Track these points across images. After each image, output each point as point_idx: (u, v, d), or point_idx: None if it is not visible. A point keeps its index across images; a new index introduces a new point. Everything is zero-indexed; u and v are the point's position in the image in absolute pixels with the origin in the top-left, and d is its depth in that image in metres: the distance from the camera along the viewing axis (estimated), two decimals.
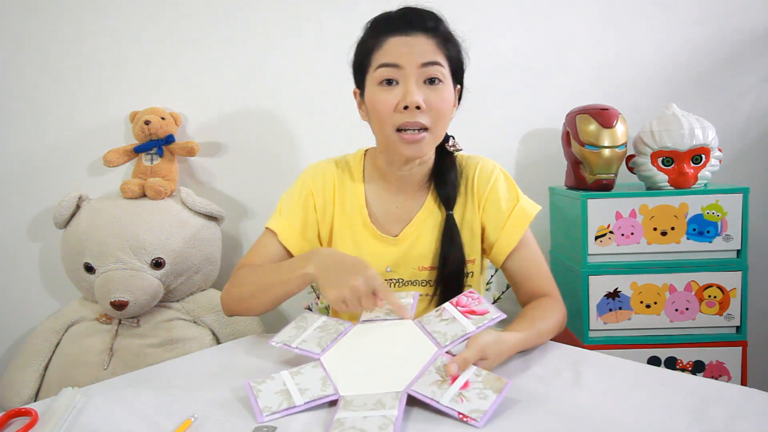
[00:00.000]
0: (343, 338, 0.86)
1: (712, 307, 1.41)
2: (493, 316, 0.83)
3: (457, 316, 0.85)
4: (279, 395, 0.74)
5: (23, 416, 0.71)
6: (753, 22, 1.67)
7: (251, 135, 1.78)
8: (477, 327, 0.81)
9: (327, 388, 0.75)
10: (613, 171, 1.46)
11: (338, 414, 0.69)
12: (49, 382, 1.55)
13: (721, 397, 0.71)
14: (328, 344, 0.84)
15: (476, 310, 0.85)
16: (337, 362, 0.81)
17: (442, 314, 0.87)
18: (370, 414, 0.68)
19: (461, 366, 0.74)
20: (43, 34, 1.74)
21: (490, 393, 0.71)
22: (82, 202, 1.63)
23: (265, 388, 0.75)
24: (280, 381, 0.77)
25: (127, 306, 1.47)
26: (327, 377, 0.77)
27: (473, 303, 0.87)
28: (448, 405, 0.69)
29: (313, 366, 0.80)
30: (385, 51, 0.96)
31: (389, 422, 0.66)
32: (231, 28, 1.74)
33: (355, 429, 0.65)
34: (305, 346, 0.85)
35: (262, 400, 0.73)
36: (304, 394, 0.73)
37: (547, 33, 1.71)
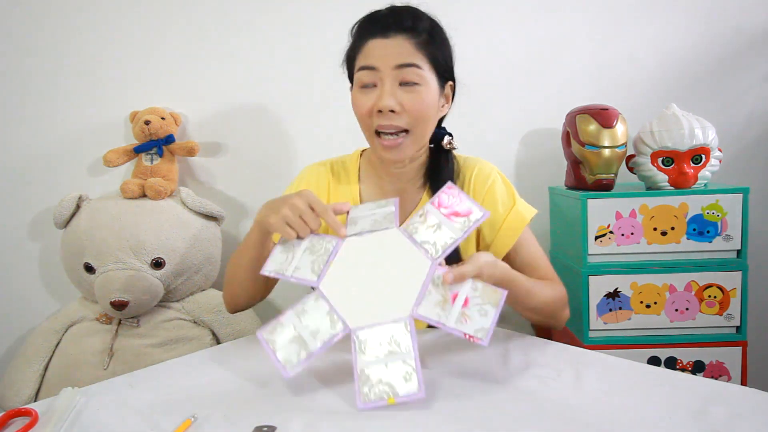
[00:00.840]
0: (334, 259, 0.84)
1: (712, 307, 1.41)
2: (477, 217, 0.84)
3: (443, 221, 0.84)
4: (294, 344, 0.77)
5: (23, 416, 0.71)
6: (753, 22, 1.67)
7: (251, 135, 1.78)
8: (464, 232, 0.83)
9: (336, 325, 0.78)
10: (613, 171, 1.46)
11: (359, 364, 0.74)
12: (49, 382, 1.55)
13: (721, 397, 0.71)
14: (322, 269, 0.83)
15: (459, 210, 0.85)
16: (337, 289, 0.81)
17: (426, 219, 0.85)
18: (390, 360, 0.74)
19: (457, 279, 0.78)
20: (42, 34, 1.75)
21: (490, 308, 0.76)
22: (82, 202, 1.63)
23: (279, 338, 0.77)
24: (290, 326, 0.79)
25: (127, 306, 1.47)
26: (332, 310, 0.79)
27: (455, 202, 0.86)
28: (454, 326, 0.74)
29: (315, 299, 0.81)
30: (365, 53, 0.96)
31: (411, 371, 0.72)
32: (231, 29, 1.74)
33: (382, 383, 0.72)
34: (299, 274, 0.84)
35: (280, 352, 0.76)
36: (317, 337, 0.77)
37: (547, 33, 1.71)
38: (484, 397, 0.74)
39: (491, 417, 0.68)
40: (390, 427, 0.67)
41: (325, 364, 0.87)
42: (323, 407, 0.72)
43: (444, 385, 0.78)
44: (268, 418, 0.69)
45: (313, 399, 0.75)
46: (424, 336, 0.98)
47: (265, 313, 1.80)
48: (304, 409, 0.72)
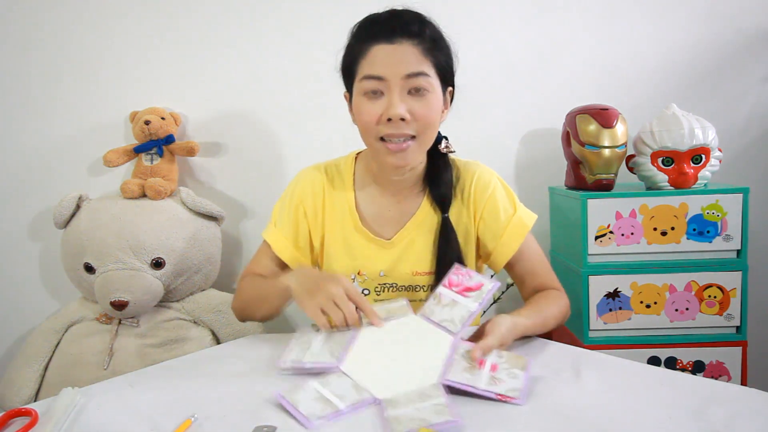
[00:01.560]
0: (354, 344, 0.84)
1: (712, 307, 1.41)
2: (488, 288, 0.85)
3: (456, 298, 0.86)
4: (318, 402, 0.71)
5: (23, 416, 0.71)
6: (753, 22, 1.67)
7: (251, 135, 1.78)
8: (479, 304, 0.84)
9: (363, 393, 0.73)
10: (613, 171, 1.46)
11: (388, 413, 0.68)
12: (49, 382, 1.55)
13: (721, 397, 0.71)
14: (341, 353, 0.82)
15: (470, 285, 0.87)
16: (360, 368, 0.79)
17: (440, 300, 0.87)
18: (421, 405, 0.69)
19: (485, 352, 0.78)
20: (42, 35, 1.75)
21: (518, 371, 0.76)
22: (82, 202, 1.63)
23: (302, 398, 0.72)
24: (312, 389, 0.74)
25: (127, 306, 1.47)
26: (356, 384, 0.75)
27: (465, 279, 0.88)
28: (485, 389, 0.72)
29: (338, 376, 0.78)
30: (370, 61, 0.93)
31: (443, 407, 0.68)
32: (231, 29, 1.74)
33: (414, 420, 0.65)
34: (319, 359, 0.81)
35: (304, 407, 0.70)
36: (344, 400, 0.71)
37: (547, 33, 1.71)
38: (484, 396, 0.73)
39: (491, 417, 0.68)
40: None
41: None
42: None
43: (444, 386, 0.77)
44: (268, 418, 0.69)
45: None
46: None
47: None
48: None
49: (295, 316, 1.85)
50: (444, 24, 1.02)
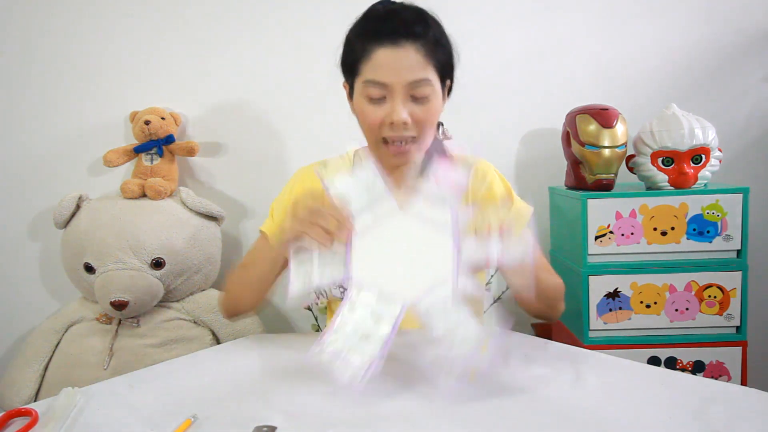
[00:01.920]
0: (352, 252, 0.82)
1: (712, 307, 1.41)
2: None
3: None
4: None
5: (23, 416, 0.71)
6: (753, 22, 1.67)
7: (251, 135, 1.78)
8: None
9: (340, 272, 0.80)
10: (613, 171, 1.46)
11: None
12: (49, 382, 1.54)
13: (721, 397, 0.71)
14: (346, 263, 0.82)
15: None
16: (365, 240, 0.82)
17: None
18: (459, 335, 0.75)
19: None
20: (43, 35, 1.75)
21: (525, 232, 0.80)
22: (82, 202, 1.63)
23: (340, 339, 0.77)
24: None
25: (127, 306, 1.47)
26: (381, 294, 0.79)
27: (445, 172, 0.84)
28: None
29: (357, 292, 0.80)
30: (373, 65, 0.93)
31: (481, 341, 0.74)
32: (231, 29, 1.74)
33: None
34: (325, 280, 0.82)
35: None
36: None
37: (547, 33, 1.71)
38: (484, 397, 0.74)
39: (491, 417, 0.68)
40: (390, 427, 0.67)
41: None
42: (324, 407, 0.72)
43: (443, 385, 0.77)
44: (268, 418, 0.69)
45: (314, 399, 0.75)
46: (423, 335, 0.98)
47: (266, 313, 1.80)
48: (305, 409, 0.72)
49: (296, 316, 1.85)
50: (444, 24, 1.01)
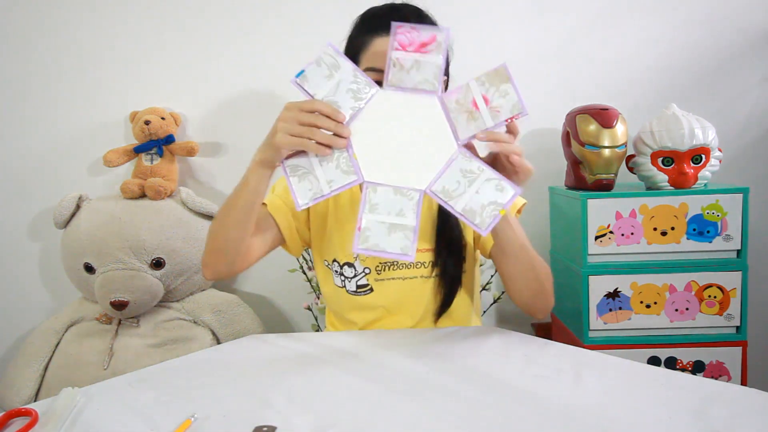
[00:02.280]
0: (354, 150, 0.83)
1: (712, 307, 1.41)
2: (443, 35, 0.81)
3: (417, 57, 0.82)
4: (393, 231, 0.81)
5: (23, 416, 0.71)
6: (753, 22, 1.67)
7: (251, 135, 1.77)
8: (442, 56, 0.82)
9: (410, 194, 0.81)
10: (613, 171, 1.46)
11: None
12: (49, 382, 1.55)
13: (721, 397, 0.71)
14: (352, 165, 0.82)
15: (424, 40, 0.82)
16: (383, 170, 0.82)
17: (402, 65, 0.82)
18: (477, 187, 0.80)
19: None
20: (43, 35, 1.75)
21: (505, 86, 0.80)
22: (82, 202, 1.63)
23: (381, 241, 0.80)
24: (377, 227, 0.81)
25: (127, 306, 1.47)
26: (396, 189, 0.81)
27: (414, 35, 0.82)
28: (494, 124, 0.81)
29: (375, 192, 0.82)
30: (371, 53, 0.98)
31: (497, 182, 0.82)
32: (231, 29, 1.74)
33: (486, 207, 0.80)
34: (337, 183, 0.82)
35: (389, 246, 0.80)
36: (406, 215, 0.81)
37: (546, 33, 1.71)
38: (484, 396, 0.74)
39: (491, 417, 0.68)
40: (390, 427, 0.67)
41: (326, 364, 0.87)
42: (323, 407, 0.72)
43: (443, 385, 0.78)
44: (268, 418, 0.69)
45: (314, 399, 0.75)
46: (423, 335, 0.98)
47: (265, 313, 1.80)
48: (305, 409, 0.72)
49: (296, 317, 1.85)
50: (443, 24, 1.03)
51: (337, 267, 1.09)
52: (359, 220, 0.81)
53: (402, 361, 0.87)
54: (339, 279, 1.09)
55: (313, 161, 0.84)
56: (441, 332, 1.00)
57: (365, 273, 1.07)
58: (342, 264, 1.08)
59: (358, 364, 0.86)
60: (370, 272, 1.07)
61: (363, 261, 1.07)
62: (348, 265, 1.07)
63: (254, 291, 1.84)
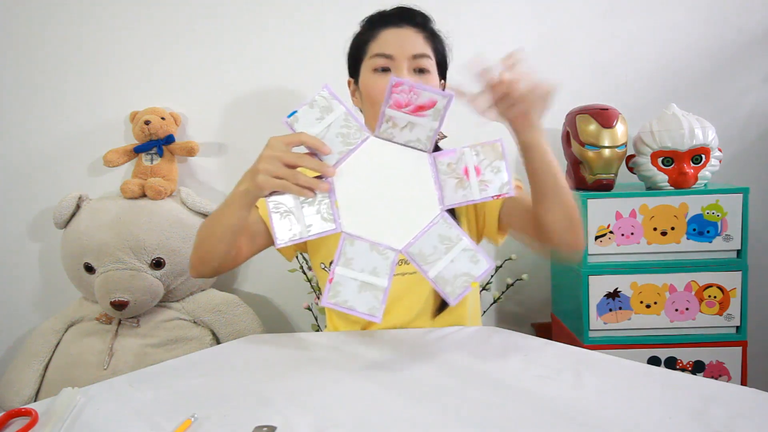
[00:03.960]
0: (336, 197, 0.81)
1: (712, 307, 1.41)
2: (443, 103, 0.80)
3: (412, 119, 0.80)
4: (364, 291, 0.79)
5: (23, 416, 0.71)
6: (753, 22, 1.67)
7: (251, 135, 1.77)
8: (439, 120, 0.80)
9: (385, 253, 0.80)
10: (613, 171, 1.46)
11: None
12: (49, 382, 1.55)
13: (721, 397, 0.71)
14: (332, 212, 0.81)
15: (422, 103, 0.80)
16: (360, 221, 0.81)
17: (395, 123, 0.80)
18: (452, 255, 0.79)
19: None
20: (43, 35, 1.74)
21: (498, 163, 0.80)
22: (82, 202, 1.63)
23: (350, 298, 0.79)
24: (350, 282, 0.80)
25: (127, 306, 1.47)
26: (372, 245, 0.80)
27: (413, 97, 0.80)
28: (481, 197, 0.80)
29: (352, 246, 0.80)
30: (380, 42, 1.02)
31: (473, 253, 0.79)
32: (231, 28, 1.74)
33: (459, 277, 0.78)
34: (316, 229, 0.81)
35: (358, 304, 0.79)
36: (380, 274, 0.80)
37: (546, 33, 1.71)
38: (484, 396, 0.74)
39: (491, 417, 0.68)
40: (390, 427, 0.67)
41: (326, 364, 0.87)
42: (323, 407, 0.72)
43: (443, 385, 0.78)
44: (268, 418, 0.69)
45: (314, 399, 0.75)
46: (423, 335, 0.98)
47: (265, 313, 1.80)
48: (305, 409, 0.72)
49: (296, 317, 1.85)
50: (443, 23, 1.08)
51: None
52: (331, 272, 0.80)
53: (402, 361, 0.87)
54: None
55: (295, 202, 0.82)
56: (441, 332, 1.00)
57: None
58: None
59: (358, 364, 0.86)
60: None
61: None
62: None
63: (254, 291, 1.84)
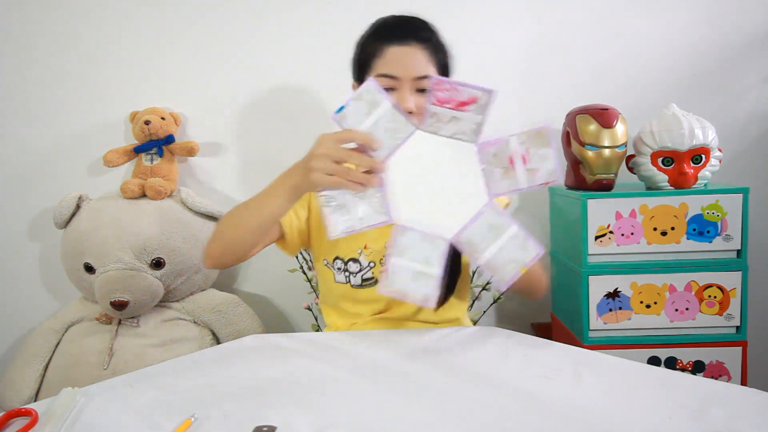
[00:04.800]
0: (388, 189, 0.83)
1: (712, 307, 1.41)
2: (487, 96, 0.82)
3: (456, 114, 0.83)
4: (417, 278, 0.82)
5: (23, 416, 0.71)
6: (753, 22, 1.67)
7: (251, 135, 1.78)
8: (484, 114, 0.83)
9: (437, 242, 0.82)
10: (613, 171, 1.46)
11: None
12: (49, 382, 1.55)
13: (721, 397, 0.71)
14: (384, 205, 0.83)
15: (464, 99, 0.83)
16: (413, 213, 0.83)
17: (440, 118, 0.82)
18: (502, 242, 0.81)
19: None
20: (43, 35, 1.75)
21: (544, 150, 0.81)
22: (82, 202, 1.63)
23: (404, 287, 0.82)
24: (403, 270, 0.82)
25: (127, 306, 1.47)
26: (424, 235, 0.82)
27: (454, 93, 0.82)
28: (528, 186, 0.81)
29: (404, 236, 0.83)
30: (385, 60, 1.02)
31: (523, 240, 0.81)
32: (231, 28, 1.74)
33: (508, 264, 0.81)
34: (369, 221, 0.84)
35: (409, 288, 0.81)
36: (431, 263, 0.82)
37: (547, 33, 1.71)
38: (484, 396, 0.74)
39: (491, 417, 0.68)
40: (390, 427, 0.67)
41: (326, 364, 0.87)
42: (323, 407, 0.72)
43: (443, 385, 0.78)
44: (268, 418, 0.69)
45: (314, 399, 0.75)
46: (423, 335, 0.98)
47: (265, 313, 1.80)
48: (305, 409, 0.72)
49: (296, 317, 1.85)
50: (443, 24, 1.07)
51: (340, 264, 1.11)
52: (387, 262, 0.82)
53: (402, 361, 0.87)
54: (342, 275, 1.11)
55: (347, 196, 0.84)
56: (441, 332, 1.00)
57: (370, 267, 1.10)
58: (346, 261, 1.10)
59: (357, 364, 0.86)
60: (375, 265, 1.10)
61: (368, 256, 1.10)
62: (353, 260, 1.10)
63: (254, 291, 1.84)
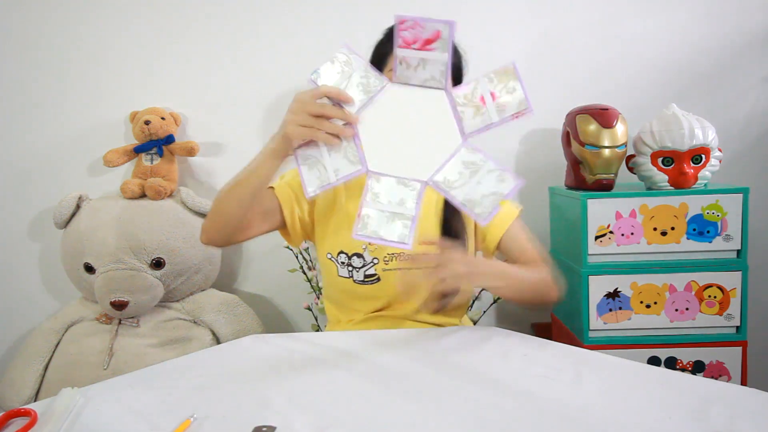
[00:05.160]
0: (361, 140, 0.85)
1: (712, 307, 1.41)
2: (447, 31, 0.83)
3: (423, 55, 0.83)
4: (391, 220, 0.82)
5: (23, 416, 0.71)
6: (753, 22, 1.67)
7: (251, 135, 1.78)
8: (447, 53, 0.83)
9: (411, 184, 0.83)
10: (613, 171, 1.46)
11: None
12: (49, 382, 1.55)
13: (721, 397, 0.71)
14: (358, 155, 0.85)
15: (428, 36, 0.83)
16: (386, 160, 0.84)
17: (408, 63, 0.83)
18: (478, 178, 0.81)
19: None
20: (43, 35, 1.75)
21: (513, 84, 0.82)
22: (82, 202, 1.63)
23: (379, 229, 0.82)
24: (376, 214, 0.83)
25: (127, 306, 1.47)
26: (399, 179, 0.84)
27: (419, 31, 0.83)
28: (499, 120, 0.82)
29: (377, 181, 0.84)
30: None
31: (500, 173, 0.81)
32: (231, 28, 1.74)
33: (487, 197, 0.81)
34: (343, 172, 0.85)
35: (386, 233, 0.82)
36: (407, 205, 0.83)
37: (547, 33, 1.71)
38: (484, 396, 0.74)
39: (491, 417, 0.68)
40: (390, 427, 0.67)
41: (326, 364, 0.87)
42: (323, 407, 0.72)
43: (443, 385, 0.78)
44: (267, 418, 0.69)
45: (314, 399, 0.75)
46: (423, 335, 0.98)
47: (265, 313, 1.80)
48: (305, 409, 0.72)
49: (296, 317, 1.85)
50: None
51: (344, 258, 1.11)
52: (360, 207, 0.83)
53: (402, 361, 0.87)
54: (345, 270, 1.11)
55: (322, 151, 0.87)
56: (441, 332, 1.00)
57: (374, 263, 1.10)
58: (350, 255, 1.10)
59: (358, 364, 0.86)
60: (378, 262, 1.10)
61: (372, 252, 1.10)
62: (357, 255, 1.10)
63: (254, 291, 1.84)
